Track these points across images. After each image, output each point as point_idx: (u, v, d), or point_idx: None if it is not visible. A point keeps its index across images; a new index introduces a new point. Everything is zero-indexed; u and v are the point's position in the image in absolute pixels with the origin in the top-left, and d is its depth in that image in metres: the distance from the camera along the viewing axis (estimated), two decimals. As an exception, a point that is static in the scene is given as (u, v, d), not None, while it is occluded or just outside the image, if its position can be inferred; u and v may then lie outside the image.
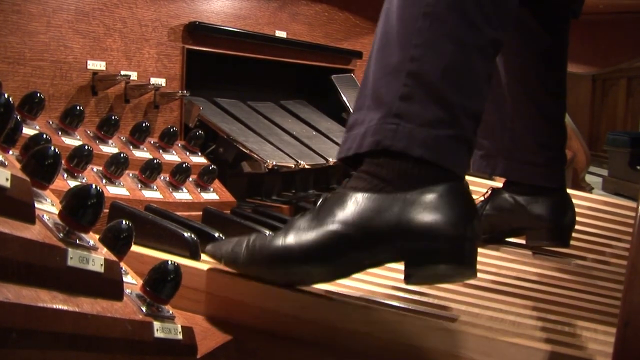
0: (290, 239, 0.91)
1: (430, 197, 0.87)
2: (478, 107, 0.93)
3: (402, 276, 1.19)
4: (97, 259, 0.68)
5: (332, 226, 0.88)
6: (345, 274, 0.93)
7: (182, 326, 0.77)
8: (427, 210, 0.86)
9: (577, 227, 1.68)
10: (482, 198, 1.57)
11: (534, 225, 1.45)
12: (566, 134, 1.53)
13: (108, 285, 0.70)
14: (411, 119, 0.88)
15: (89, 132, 1.38)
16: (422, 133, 0.87)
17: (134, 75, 1.51)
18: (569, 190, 1.60)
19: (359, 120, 0.95)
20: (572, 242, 1.57)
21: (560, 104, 1.50)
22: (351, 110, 1.13)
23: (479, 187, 1.63)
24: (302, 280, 0.94)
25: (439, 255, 0.87)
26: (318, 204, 0.96)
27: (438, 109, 0.88)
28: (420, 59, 0.90)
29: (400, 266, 1.30)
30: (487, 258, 1.40)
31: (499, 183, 1.66)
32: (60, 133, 1.30)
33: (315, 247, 0.89)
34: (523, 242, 1.51)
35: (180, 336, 0.76)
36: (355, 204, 0.89)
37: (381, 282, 1.14)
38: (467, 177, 0.95)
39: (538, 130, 1.47)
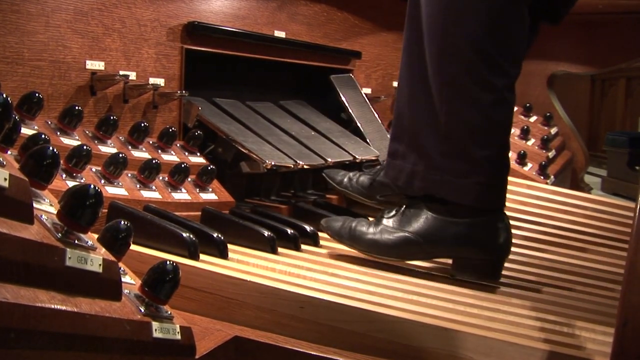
0: (378, 234, 1.27)
1: (465, 227, 1.22)
2: (499, 154, 1.23)
3: (402, 276, 1.20)
4: (95, 259, 0.68)
5: (409, 234, 1.25)
6: (408, 260, 1.30)
7: (180, 326, 0.77)
8: (467, 235, 1.22)
9: (576, 227, 1.68)
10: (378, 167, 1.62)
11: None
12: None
13: (106, 285, 0.70)
14: (449, 172, 1.22)
15: (87, 132, 1.38)
16: (457, 183, 1.21)
17: (132, 75, 1.51)
18: (567, 191, 1.60)
19: (399, 153, 1.30)
20: (571, 243, 1.57)
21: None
22: (350, 111, 1.33)
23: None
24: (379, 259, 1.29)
25: (472, 268, 1.23)
26: (401, 210, 1.29)
27: (466, 162, 1.20)
28: (448, 123, 1.20)
29: (401, 266, 1.31)
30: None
31: None
32: (58, 133, 1.30)
33: (393, 245, 1.26)
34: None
35: (178, 336, 0.76)
36: (426, 220, 1.24)
37: (381, 282, 1.14)
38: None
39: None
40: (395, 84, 2.36)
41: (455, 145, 1.21)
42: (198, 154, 1.59)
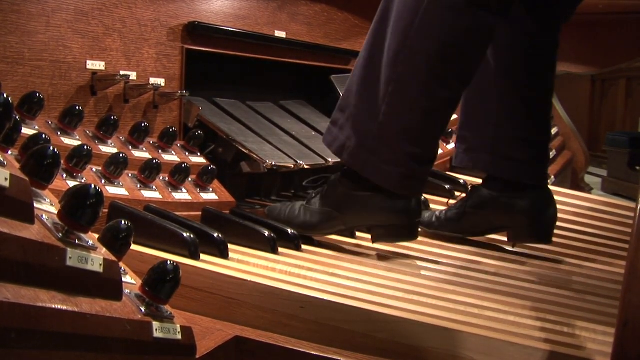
0: (306, 215, 1.39)
1: (378, 198, 1.32)
2: (427, 153, 1.32)
3: (402, 276, 1.20)
4: (96, 259, 0.68)
5: (327, 209, 1.36)
6: (333, 232, 1.41)
7: (181, 326, 0.77)
8: (379, 205, 1.32)
9: (576, 227, 1.68)
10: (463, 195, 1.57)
11: (515, 222, 1.44)
12: (551, 132, 1.52)
13: (107, 285, 0.70)
14: (376, 155, 1.29)
15: (88, 132, 1.38)
16: (381, 167, 1.29)
17: (133, 75, 1.51)
18: (567, 191, 1.60)
19: (339, 123, 1.36)
20: (572, 243, 1.57)
21: (547, 102, 1.50)
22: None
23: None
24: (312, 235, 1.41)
25: (388, 232, 1.35)
26: (321, 191, 1.40)
27: (393, 153, 1.28)
28: (386, 116, 1.27)
29: (400, 267, 1.31)
30: (486, 258, 1.40)
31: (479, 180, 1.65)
32: (59, 133, 1.30)
33: (318, 222, 1.38)
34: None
35: (179, 336, 0.76)
36: (341, 195, 1.35)
37: (382, 282, 1.14)
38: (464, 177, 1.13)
39: (523, 127, 1.47)
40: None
41: (387, 136, 1.28)
42: (198, 154, 1.59)
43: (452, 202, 1.59)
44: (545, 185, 1.47)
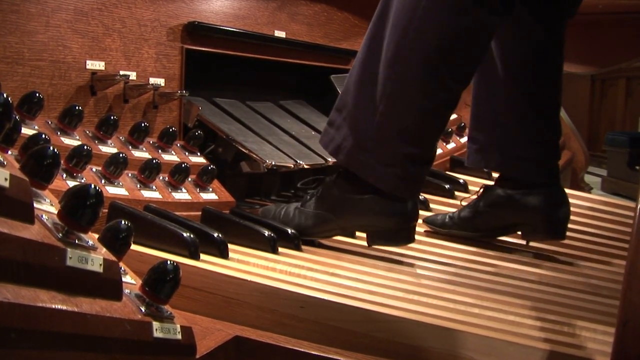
0: (301, 217, 1.37)
1: (373, 200, 1.29)
2: (425, 154, 1.30)
3: (403, 276, 1.20)
4: (96, 258, 0.68)
5: (322, 212, 1.35)
6: (328, 236, 1.40)
7: (181, 326, 0.77)
8: (374, 208, 1.30)
9: (576, 227, 1.68)
10: (474, 196, 1.57)
11: (529, 219, 1.44)
12: (560, 131, 1.53)
13: (107, 285, 0.70)
14: (373, 156, 1.27)
15: (87, 132, 1.38)
16: (378, 168, 1.27)
17: (133, 75, 1.51)
18: (568, 191, 1.59)
19: (336, 124, 1.34)
20: (572, 242, 1.57)
21: (555, 101, 1.50)
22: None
23: (474, 186, 1.64)
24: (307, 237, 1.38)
25: (385, 236, 1.33)
26: (315, 193, 1.38)
27: (390, 154, 1.27)
28: (383, 116, 1.26)
29: (400, 266, 1.31)
30: (486, 258, 1.40)
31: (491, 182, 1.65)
32: (59, 133, 1.30)
33: (313, 225, 1.36)
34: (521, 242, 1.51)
35: (179, 336, 0.76)
36: (335, 198, 1.33)
37: (382, 282, 1.14)
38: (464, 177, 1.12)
39: (531, 126, 1.48)
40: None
41: (384, 136, 1.27)
42: (198, 153, 1.59)
43: (464, 203, 1.59)
44: (558, 183, 1.47)
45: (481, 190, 1.54)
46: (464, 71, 1.27)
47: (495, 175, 1.75)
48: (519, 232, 1.50)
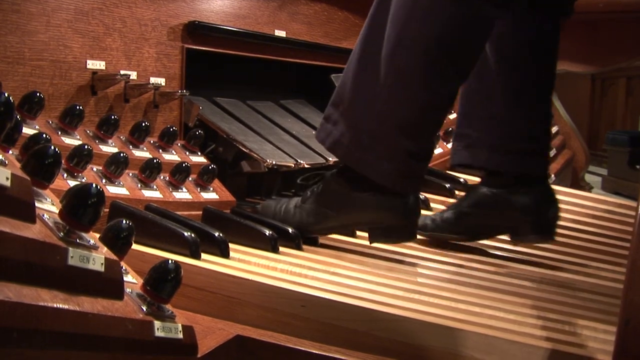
0: (302, 214, 1.36)
1: (372, 196, 1.29)
2: (424, 148, 1.29)
3: (403, 275, 1.20)
4: (97, 258, 0.68)
5: (322, 208, 1.34)
6: (330, 232, 1.41)
7: (182, 325, 0.77)
8: (374, 204, 1.29)
9: (577, 226, 1.68)
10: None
11: (516, 220, 1.40)
12: (551, 128, 1.51)
13: (108, 284, 0.70)
14: (371, 151, 1.26)
15: (88, 131, 1.38)
16: (376, 163, 1.26)
17: (133, 75, 1.51)
18: (568, 190, 1.60)
19: (332, 118, 1.32)
20: (572, 242, 1.57)
21: (547, 97, 1.49)
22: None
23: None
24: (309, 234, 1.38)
25: (384, 232, 1.31)
26: (315, 190, 1.37)
27: (389, 148, 1.25)
28: (382, 111, 1.25)
29: (401, 265, 1.31)
30: (487, 257, 1.40)
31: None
32: (60, 132, 1.30)
33: (314, 221, 1.35)
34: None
35: (180, 335, 0.76)
36: (335, 194, 1.33)
37: (383, 281, 1.14)
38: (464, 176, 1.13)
39: (523, 121, 1.45)
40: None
41: (383, 130, 1.25)
42: (199, 153, 1.59)
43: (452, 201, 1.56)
44: (546, 182, 1.45)
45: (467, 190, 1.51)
46: (464, 64, 1.26)
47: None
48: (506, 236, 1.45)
